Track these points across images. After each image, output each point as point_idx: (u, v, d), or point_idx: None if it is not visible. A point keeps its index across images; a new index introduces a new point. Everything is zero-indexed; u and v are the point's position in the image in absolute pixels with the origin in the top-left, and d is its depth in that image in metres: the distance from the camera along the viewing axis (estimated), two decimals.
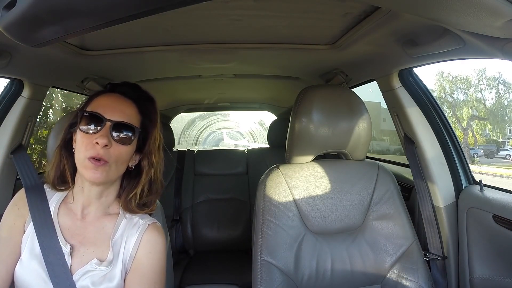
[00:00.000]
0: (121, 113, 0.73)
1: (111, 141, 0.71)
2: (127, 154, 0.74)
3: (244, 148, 2.91)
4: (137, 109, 0.76)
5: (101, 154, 0.69)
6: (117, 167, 0.73)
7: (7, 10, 0.43)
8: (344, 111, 1.06)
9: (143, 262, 0.75)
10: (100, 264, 0.73)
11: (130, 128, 0.73)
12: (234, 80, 1.78)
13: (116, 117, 0.72)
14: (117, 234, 0.76)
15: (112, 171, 0.72)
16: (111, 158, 0.71)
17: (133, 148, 0.75)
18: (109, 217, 0.78)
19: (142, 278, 0.74)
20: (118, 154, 0.72)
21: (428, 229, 1.15)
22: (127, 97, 0.76)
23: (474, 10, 0.54)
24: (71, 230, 0.75)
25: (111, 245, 0.75)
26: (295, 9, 0.90)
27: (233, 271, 1.78)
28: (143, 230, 0.77)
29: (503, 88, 16.12)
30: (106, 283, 0.72)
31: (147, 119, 0.78)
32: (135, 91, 0.79)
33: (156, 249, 0.77)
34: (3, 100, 1.12)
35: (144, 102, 0.78)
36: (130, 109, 0.75)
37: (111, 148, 0.71)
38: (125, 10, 0.41)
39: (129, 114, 0.74)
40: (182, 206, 2.13)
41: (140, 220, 0.79)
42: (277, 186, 1.04)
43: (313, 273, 1.01)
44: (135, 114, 0.75)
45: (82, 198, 0.77)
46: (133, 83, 0.81)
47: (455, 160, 1.20)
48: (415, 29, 0.89)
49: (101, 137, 0.69)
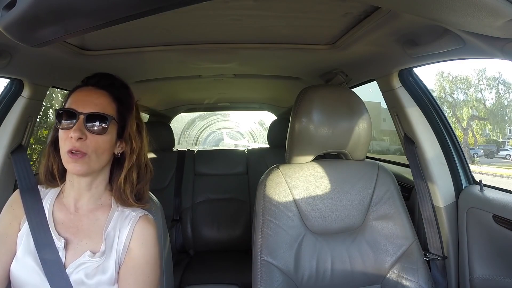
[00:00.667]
0: (93, 104, 0.74)
1: (85, 133, 0.72)
2: (105, 143, 0.75)
3: (244, 148, 2.91)
4: (111, 97, 0.77)
5: (77, 146, 0.71)
6: (98, 157, 0.74)
7: (7, 10, 0.43)
8: (344, 111, 1.06)
9: (136, 254, 0.77)
10: (93, 256, 0.74)
11: (103, 118, 0.74)
12: (234, 80, 1.77)
13: (88, 109, 0.73)
14: (109, 226, 0.78)
15: (93, 162, 0.73)
16: (89, 149, 0.72)
17: (111, 136, 0.76)
18: (102, 209, 0.80)
19: (135, 269, 0.76)
20: (95, 145, 0.73)
21: (428, 229, 1.15)
22: (100, 87, 0.77)
23: (474, 10, 0.54)
24: (64, 224, 0.77)
25: (104, 237, 0.76)
26: (295, 9, 0.90)
27: (233, 271, 1.78)
28: (134, 222, 0.79)
29: (503, 88, 16.13)
30: (99, 275, 0.73)
31: (123, 105, 0.79)
32: (107, 80, 0.80)
33: (148, 241, 0.79)
34: (3, 100, 1.11)
35: (117, 89, 0.79)
36: (103, 98, 0.76)
37: (87, 139, 0.72)
38: (125, 10, 0.41)
39: (101, 104, 0.75)
40: (182, 206, 2.13)
41: (131, 212, 0.80)
42: (277, 186, 1.04)
43: (313, 273, 1.01)
44: (108, 102, 0.76)
45: (73, 191, 0.79)
46: (106, 73, 0.82)
47: (455, 160, 1.20)
48: (415, 29, 0.89)
49: (74, 130, 0.71)
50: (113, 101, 0.77)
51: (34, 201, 0.79)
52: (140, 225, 0.79)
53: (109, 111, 0.75)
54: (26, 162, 1.02)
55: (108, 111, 0.75)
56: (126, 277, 0.75)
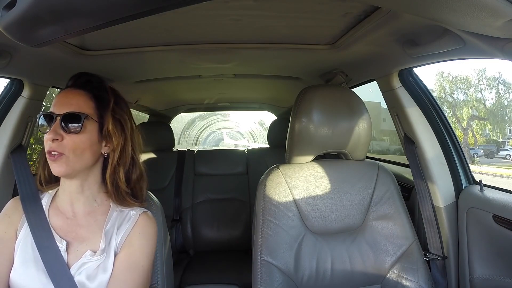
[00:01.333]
0: (68, 105, 0.74)
1: (61, 134, 0.72)
2: (83, 142, 0.74)
3: (244, 148, 2.91)
4: (88, 95, 0.77)
5: (53, 147, 0.72)
6: (77, 157, 0.74)
7: (7, 10, 0.43)
8: (344, 111, 1.06)
9: (133, 242, 0.77)
10: (93, 255, 0.74)
11: (77, 117, 0.74)
12: (234, 80, 1.77)
13: (64, 110, 0.74)
14: (109, 225, 0.78)
15: (71, 161, 0.73)
16: (66, 149, 0.72)
17: (90, 135, 0.75)
18: (100, 210, 0.80)
19: (129, 256, 0.76)
20: (73, 144, 0.73)
21: (428, 229, 1.15)
22: (77, 87, 0.77)
23: (474, 10, 0.54)
24: (63, 229, 0.77)
25: (103, 235, 0.76)
26: (295, 9, 0.90)
27: (233, 271, 1.78)
28: (134, 220, 0.79)
29: (503, 88, 16.13)
30: (100, 275, 0.74)
31: (100, 102, 0.78)
32: (83, 78, 0.80)
33: (147, 232, 0.79)
34: (3, 100, 1.12)
35: (93, 85, 0.79)
36: (78, 97, 0.76)
37: (64, 140, 0.73)
38: (125, 10, 0.41)
39: (76, 103, 0.75)
40: (182, 206, 2.13)
41: (131, 211, 0.81)
42: (277, 186, 1.04)
43: (313, 273, 1.01)
44: (84, 101, 0.76)
45: (66, 196, 0.79)
46: (85, 72, 0.82)
47: (455, 160, 1.20)
48: (415, 29, 0.89)
49: (49, 132, 0.72)
50: (91, 99, 0.77)
51: (34, 203, 0.79)
52: (140, 221, 0.80)
53: (85, 110, 0.75)
54: (26, 165, 1.01)
55: (84, 110, 0.75)
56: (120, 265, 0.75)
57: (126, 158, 0.80)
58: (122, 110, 0.81)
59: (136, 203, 0.81)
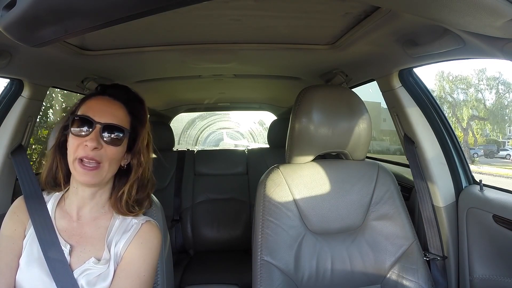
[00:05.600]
0: (111, 115, 0.75)
1: (101, 143, 0.73)
2: (118, 154, 0.76)
3: (244, 148, 2.91)
4: (127, 110, 0.78)
5: (91, 155, 0.71)
6: (110, 168, 0.75)
7: (7, 10, 0.43)
8: (344, 111, 1.06)
9: (134, 252, 0.77)
10: (97, 263, 0.74)
11: (120, 130, 0.75)
12: (234, 80, 1.77)
13: (105, 119, 0.74)
14: (111, 234, 0.78)
15: (104, 172, 0.74)
16: (103, 158, 0.73)
17: (123, 149, 0.77)
18: (104, 217, 0.80)
19: (130, 264, 0.76)
20: (110, 155, 0.74)
21: (428, 229, 1.15)
22: (117, 99, 0.78)
23: (474, 10, 0.54)
24: (68, 232, 0.77)
25: (106, 244, 0.76)
26: (295, 9, 0.90)
27: (233, 271, 1.78)
28: (136, 229, 0.79)
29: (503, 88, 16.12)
30: (100, 283, 0.73)
31: (136, 120, 0.79)
32: (125, 93, 0.81)
33: (149, 241, 0.79)
34: (3, 100, 1.11)
35: (133, 103, 0.80)
36: (120, 111, 0.77)
37: (102, 149, 0.73)
38: (125, 10, 0.41)
39: (118, 116, 0.76)
40: (182, 206, 2.13)
41: (133, 219, 0.80)
42: (277, 186, 1.04)
43: (313, 273, 1.01)
44: (124, 115, 0.77)
45: (76, 200, 0.78)
46: (123, 85, 0.83)
47: (455, 160, 1.20)
48: (415, 29, 0.89)
49: (90, 140, 0.71)
50: (128, 115, 0.78)
51: (38, 203, 0.79)
52: (142, 230, 0.79)
53: (124, 124, 0.76)
54: (27, 164, 1.01)
55: (124, 124, 0.76)
56: (120, 273, 0.75)
57: (146, 174, 0.82)
58: (150, 129, 0.83)
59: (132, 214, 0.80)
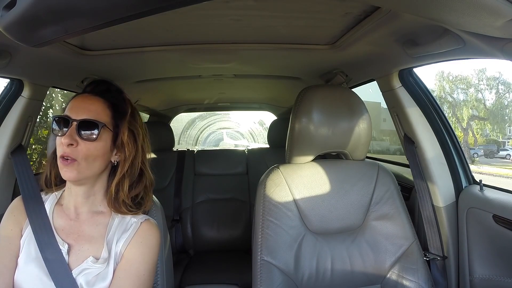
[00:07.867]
0: (86, 111, 0.74)
1: (77, 140, 0.72)
2: (97, 150, 0.74)
3: (244, 148, 2.91)
4: (106, 103, 0.77)
5: (68, 152, 0.72)
6: (89, 164, 0.74)
7: (7, 10, 0.43)
8: (344, 111, 1.06)
9: (133, 251, 0.77)
10: (96, 262, 0.74)
11: (95, 124, 0.74)
12: (234, 80, 1.77)
13: (80, 116, 0.73)
14: (110, 233, 0.78)
15: (83, 168, 0.73)
16: (79, 155, 0.72)
17: (104, 144, 0.76)
18: (102, 215, 0.80)
19: (129, 264, 0.76)
20: (86, 151, 0.73)
21: (428, 229, 1.15)
22: (95, 94, 0.77)
23: (474, 10, 0.54)
24: (65, 230, 0.77)
25: (105, 243, 0.76)
26: (295, 9, 0.90)
27: (233, 271, 1.78)
28: (135, 229, 0.78)
29: (503, 88, 16.13)
30: (99, 283, 0.73)
31: (117, 112, 0.78)
32: (103, 85, 0.80)
33: (148, 240, 0.78)
34: (3, 100, 1.11)
35: (112, 95, 0.79)
36: (96, 105, 0.76)
37: (79, 146, 0.72)
38: (125, 10, 0.41)
39: (94, 110, 0.75)
40: (182, 206, 2.13)
41: (132, 218, 0.80)
42: (277, 186, 1.04)
43: (313, 273, 1.01)
44: (102, 109, 0.76)
45: (72, 198, 0.79)
46: (103, 80, 0.82)
47: (455, 160, 1.20)
48: (415, 29, 0.89)
49: (65, 137, 0.72)
50: (108, 108, 0.77)
51: (36, 203, 0.79)
52: (141, 229, 0.79)
53: (102, 118, 0.75)
54: (27, 164, 1.01)
55: (102, 118, 0.75)
56: (120, 274, 0.75)
57: (134, 169, 0.80)
58: (136, 122, 0.81)
59: (131, 212, 0.80)
